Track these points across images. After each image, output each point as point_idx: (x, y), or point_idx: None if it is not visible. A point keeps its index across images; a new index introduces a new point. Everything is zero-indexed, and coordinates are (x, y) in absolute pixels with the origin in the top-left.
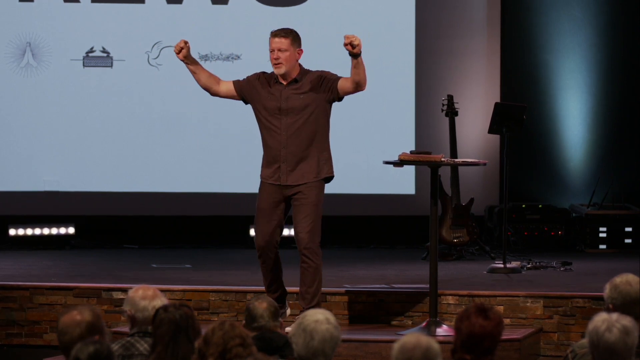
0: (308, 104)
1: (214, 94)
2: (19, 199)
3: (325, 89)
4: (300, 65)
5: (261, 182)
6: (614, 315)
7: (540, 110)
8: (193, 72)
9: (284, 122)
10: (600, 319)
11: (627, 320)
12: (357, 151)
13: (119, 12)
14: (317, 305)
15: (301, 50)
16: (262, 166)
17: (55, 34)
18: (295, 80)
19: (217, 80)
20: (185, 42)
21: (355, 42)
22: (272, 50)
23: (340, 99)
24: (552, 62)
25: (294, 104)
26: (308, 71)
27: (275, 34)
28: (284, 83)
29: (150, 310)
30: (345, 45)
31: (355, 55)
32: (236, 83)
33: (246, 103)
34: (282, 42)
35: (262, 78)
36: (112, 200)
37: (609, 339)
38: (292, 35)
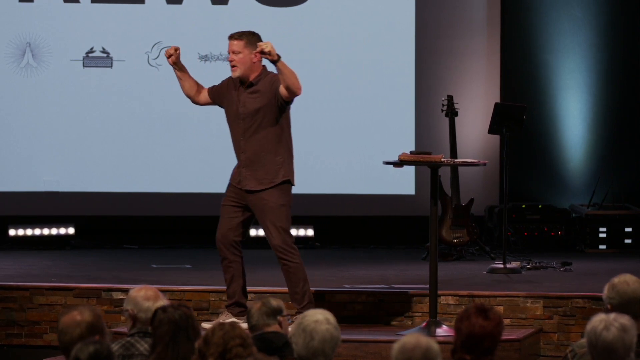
0: (260, 108)
1: (195, 102)
2: (19, 199)
3: (274, 93)
4: (264, 67)
5: (229, 182)
6: (612, 315)
7: (540, 111)
8: (179, 78)
9: (241, 126)
10: (598, 319)
11: (624, 319)
12: (357, 151)
13: (119, 13)
14: (311, 304)
15: (258, 52)
16: (234, 167)
17: (55, 34)
18: (252, 84)
19: (200, 89)
20: (176, 49)
21: (266, 50)
22: (228, 53)
23: (286, 102)
24: (552, 62)
25: (248, 108)
26: (269, 74)
27: (230, 36)
28: (243, 86)
29: (153, 311)
30: (260, 53)
31: (273, 61)
32: (210, 90)
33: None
34: (235, 45)
35: (230, 83)
36: (112, 201)
37: (607, 337)
38: (246, 37)
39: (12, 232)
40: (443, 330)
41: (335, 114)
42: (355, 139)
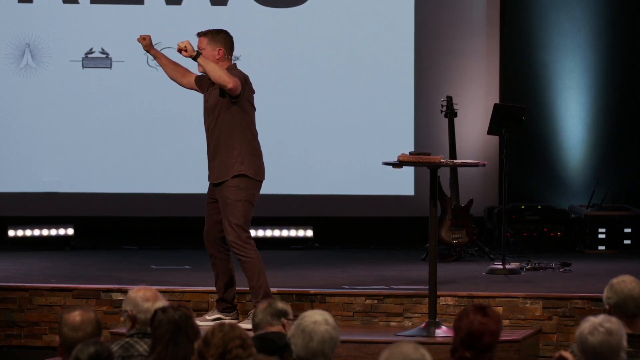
0: (216, 104)
1: (180, 84)
2: (18, 200)
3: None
4: (233, 65)
5: None
6: (599, 318)
7: (540, 111)
8: (161, 65)
9: (207, 121)
10: (587, 324)
11: (611, 322)
12: (356, 152)
13: (118, 13)
14: (267, 296)
15: (221, 49)
16: None
17: (54, 35)
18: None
19: (185, 73)
20: (144, 37)
21: (179, 48)
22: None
23: (232, 97)
24: (552, 62)
25: (210, 103)
26: (233, 71)
27: (197, 33)
28: (210, 82)
29: (152, 312)
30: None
31: (192, 58)
32: (197, 77)
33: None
34: (200, 41)
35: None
36: (112, 201)
37: (593, 341)
38: (210, 34)
39: (11, 232)
40: (442, 331)
41: (335, 114)
42: (355, 139)
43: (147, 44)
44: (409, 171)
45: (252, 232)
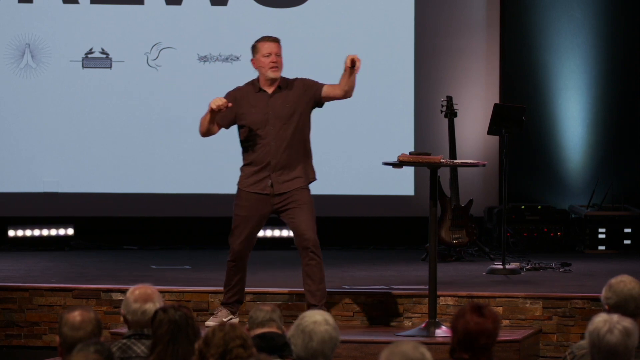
0: (294, 112)
1: (214, 133)
2: (18, 200)
3: (309, 96)
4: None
5: (240, 190)
6: (615, 317)
7: (540, 111)
8: (211, 122)
9: (273, 132)
10: (602, 320)
11: (627, 322)
12: (356, 152)
13: (118, 13)
14: (324, 302)
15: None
16: (244, 176)
17: (54, 35)
18: (279, 88)
19: (215, 125)
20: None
21: (357, 65)
22: (268, 54)
23: (321, 105)
24: (552, 62)
25: (282, 112)
26: (286, 79)
27: (272, 38)
28: (269, 92)
29: (139, 314)
30: (350, 66)
31: (352, 72)
32: (219, 118)
33: (235, 123)
34: (279, 47)
35: (238, 93)
36: (112, 202)
37: (610, 340)
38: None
39: (11, 232)
40: (442, 331)
41: (334, 114)
42: (355, 139)
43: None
44: (409, 171)
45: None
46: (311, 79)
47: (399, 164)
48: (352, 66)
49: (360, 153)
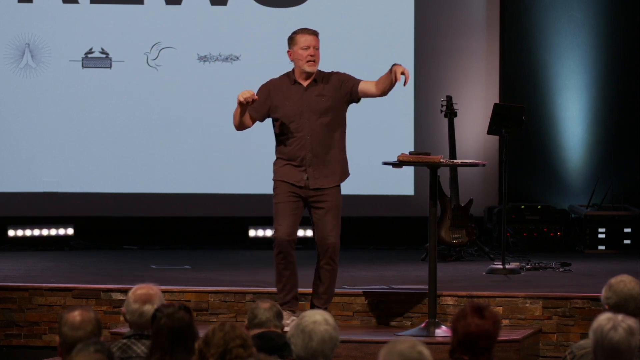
0: (330, 106)
1: (249, 127)
2: (18, 200)
3: (346, 91)
4: None
5: (276, 181)
6: (619, 315)
7: (540, 111)
8: (242, 115)
9: (307, 125)
10: (606, 318)
11: (631, 321)
12: (356, 152)
13: (118, 13)
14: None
15: None
16: (279, 167)
17: (54, 35)
18: (315, 81)
19: (248, 115)
20: (255, 98)
21: (406, 75)
22: (306, 47)
23: (358, 100)
24: (552, 62)
25: (317, 106)
26: (322, 73)
27: (311, 31)
28: (304, 85)
29: (137, 315)
30: (397, 79)
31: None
32: (252, 111)
33: (269, 116)
34: (317, 41)
35: (272, 85)
36: (112, 201)
37: (614, 337)
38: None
39: (11, 232)
40: (442, 331)
41: None
42: (354, 139)
43: (250, 99)
44: (409, 171)
45: (253, 232)
46: (347, 74)
47: (398, 163)
48: (399, 79)
49: (360, 153)
